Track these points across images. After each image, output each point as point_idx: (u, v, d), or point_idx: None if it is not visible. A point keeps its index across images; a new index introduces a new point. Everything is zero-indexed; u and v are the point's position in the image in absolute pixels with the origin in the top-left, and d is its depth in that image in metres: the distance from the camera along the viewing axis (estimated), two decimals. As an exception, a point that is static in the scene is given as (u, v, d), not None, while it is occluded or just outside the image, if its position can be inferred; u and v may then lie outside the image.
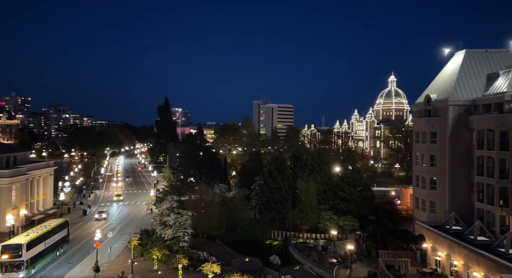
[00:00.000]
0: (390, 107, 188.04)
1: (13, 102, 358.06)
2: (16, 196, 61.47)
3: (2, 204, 57.68)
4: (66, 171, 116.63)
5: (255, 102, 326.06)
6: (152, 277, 42.79)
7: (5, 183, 58.04)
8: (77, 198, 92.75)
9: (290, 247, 55.58)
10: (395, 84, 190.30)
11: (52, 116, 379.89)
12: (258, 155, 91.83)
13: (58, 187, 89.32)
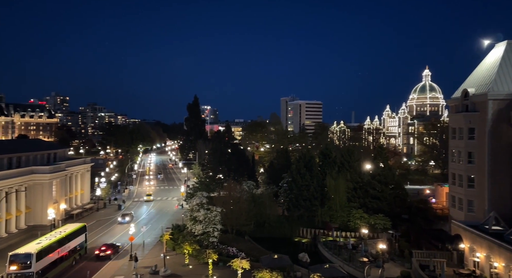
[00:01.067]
0: (424, 102, 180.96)
1: (53, 101, 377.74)
2: (56, 191, 64.85)
3: (44, 198, 61.09)
4: (102, 167, 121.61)
5: (283, 99, 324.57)
6: (183, 271, 43.76)
7: (47, 179, 61.40)
8: (112, 193, 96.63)
9: (319, 245, 54.97)
10: (429, 78, 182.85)
11: (88, 115, 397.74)
12: (286, 152, 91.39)
13: (95, 182, 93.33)
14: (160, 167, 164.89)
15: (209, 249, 45.42)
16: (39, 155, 68.60)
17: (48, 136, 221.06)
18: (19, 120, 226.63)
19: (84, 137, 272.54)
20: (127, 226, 60.02)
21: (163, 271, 42.31)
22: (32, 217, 60.03)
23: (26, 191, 58.31)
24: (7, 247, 51.13)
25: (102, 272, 43.17)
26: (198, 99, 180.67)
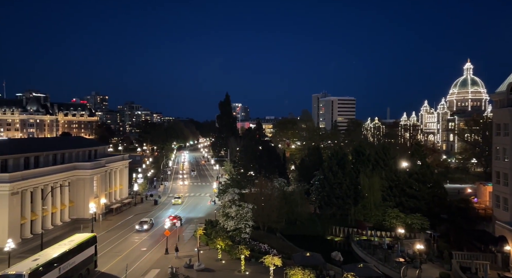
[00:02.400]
0: (465, 97, 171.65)
1: (93, 100, 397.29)
2: (97, 186, 68.15)
3: (85, 193, 64.45)
4: (139, 163, 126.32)
5: (314, 96, 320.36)
6: (216, 266, 44.54)
7: (88, 174, 64.71)
8: (149, 189, 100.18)
9: (353, 244, 53.92)
10: (471, 72, 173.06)
11: (126, 113, 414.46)
12: (317, 150, 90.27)
13: (132, 178, 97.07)
14: (193, 164, 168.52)
15: (241, 245, 45.88)
16: (81, 152, 72.37)
17: (89, 133, 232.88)
18: (63, 118, 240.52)
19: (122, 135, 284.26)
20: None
21: (197, 265, 43.29)
22: (75, 210, 63.52)
23: (69, 186, 61.77)
24: (53, 239, 54.48)
25: (139, 265, 44.88)
26: (229, 96, 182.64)
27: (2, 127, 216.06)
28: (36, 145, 64.94)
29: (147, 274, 41.88)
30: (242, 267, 41.95)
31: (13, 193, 47.80)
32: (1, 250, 42.64)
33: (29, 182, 51.27)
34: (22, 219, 50.23)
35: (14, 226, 48.06)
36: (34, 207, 53.16)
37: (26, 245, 49.59)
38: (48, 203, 56.18)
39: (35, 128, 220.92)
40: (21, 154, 56.06)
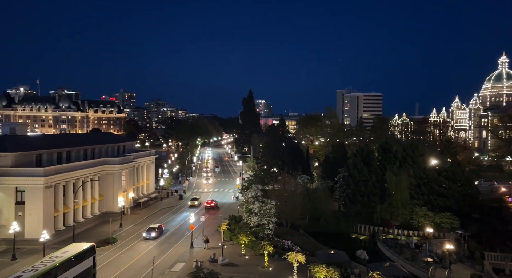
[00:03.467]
0: (500, 92, 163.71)
1: (122, 97, 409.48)
2: (125, 181, 70.29)
3: (114, 187, 66.65)
4: (165, 159, 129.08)
5: (339, 91, 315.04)
6: (240, 261, 44.96)
7: (117, 169, 66.85)
8: (174, 184, 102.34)
9: (378, 243, 52.89)
10: (506, 66, 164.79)
11: (152, 110, 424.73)
12: (342, 146, 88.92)
13: (159, 173, 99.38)
14: (217, 160, 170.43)
15: (265, 241, 46.05)
16: (110, 147, 74.81)
17: (118, 129, 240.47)
18: (93, 115, 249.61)
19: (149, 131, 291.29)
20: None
21: (221, 260, 43.87)
22: (105, 204, 65.84)
23: (99, 180, 64.07)
24: (84, 231, 56.87)
25: (165, 258, 46.01)
26: (252, 93, 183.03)
27: (36, 123, 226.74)
28: (68, 141, 67.74)
29: (173, 267, 42.89)
30: (265, 263, 42.12)
31: (47, 187, 50.12)
32: (37, 240, 44.84)
33: (61, 176, 53.56)
34: (55, 211, 52.61)
35: (48, 218, 50.43)
36: (66, 200, 55.53)
37: (59, 237, 51.95)
38: (79, 196, 58.51)
39: (67, 124, 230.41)
40: (54, 149, 58.65)
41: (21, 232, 47.24)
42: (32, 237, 47.46)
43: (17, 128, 63.58)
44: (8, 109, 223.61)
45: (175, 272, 41.24)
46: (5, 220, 48.40)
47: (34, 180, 49.08)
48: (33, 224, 48.71)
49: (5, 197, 48.92)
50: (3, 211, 48.91)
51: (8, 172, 49.09)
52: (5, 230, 47.44)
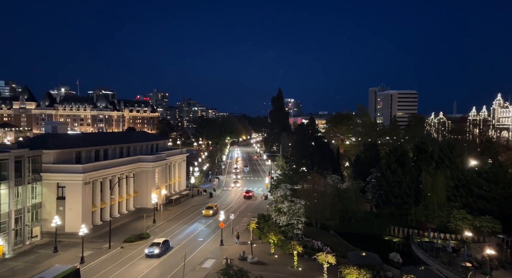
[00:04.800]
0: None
1: (155, 97, 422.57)
2: (158, 178, 72.41)
3: (148, 184, 68.87)
4: (195, 157, 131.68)
5: (371, 89, 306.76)
6: (269, 259, 45.00)
7: (150, 167, 69.01)
8: (204, 182, 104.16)
9: (413, 246, 51.08)
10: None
11: (184, 109, 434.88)
12: (374, 146, 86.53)
13: (189, 171, 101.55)
14: (246, 159, 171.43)
15: (294, 240, 45.76)
16: (144, 146, 77.39)
17: (151, 128, 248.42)
18: (128, 114, 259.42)
19: (180, 130, 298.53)
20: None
21: (250, 258, 44.10)
22: (139, 200, 68.17)
23: (134, 177, 66.41)
24: (120, 226, 59.16)
25: (196, 255, 46.95)
26: (282, 92, 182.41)
27: (76, 122, 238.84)
28: (105, 139, 70.73)
29: (204, 263, 43.67)
30: (295, 262, 41.85)
31: (85, 183, 52.63)
32: (76, 234, 47.23)
33: (99, 173, 56.03)
34: (93, 207, 55.14)
35: (86, 213, 52.95)
36: (103, 196, 58.01)
37: (97, 231, 54.43)
38: (116, 193, 60.93)
39: (104, 123, 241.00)
40: (92, 147, 61.48)
41: (62, 226, 49.92)
42: (72, 231, 50.04)
43: (58, 126, 67.12)
44: (50, 109, 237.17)
45: (205, 269, 41.96)
46: (47, 214, 51.35)
47: (74, 177, 51.66)
48: (72, 218, 51.33)
49: (47, 192, 51.89)
50: (46, 205, 51.90)
51: (50, 168, 52.01)
52: (47, 224, 50.35)
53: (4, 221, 44.96)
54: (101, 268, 41.27)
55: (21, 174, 47.38)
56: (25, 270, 40.35)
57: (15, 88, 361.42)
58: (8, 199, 45.40)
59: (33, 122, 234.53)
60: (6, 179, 45.09)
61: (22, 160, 47.55)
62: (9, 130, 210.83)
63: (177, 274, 39.86)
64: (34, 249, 47.30)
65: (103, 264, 42.85)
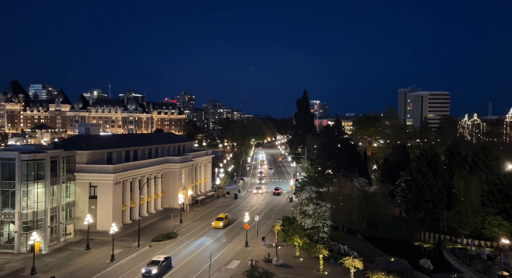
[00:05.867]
0: None
1: (182, 100, 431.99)
2: (185, 179, 73.78)
3: (175, 185, 70.31)
4: (220, 159, 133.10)
5: (401, 90, 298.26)
6: (294, 262, 44.69)
7: (177, 168, 70.44)
8: (229, 183, 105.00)
9: (445, 252, 49.17)
10: None
11: (210, 111, 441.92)
12: (403, 148, 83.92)
13: (215, 173, 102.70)
14: (271, 161, 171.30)
15: (319, 244, 45.20)
16: (171, 147, 79.13)
17: (178, 130, 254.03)
18: (156, 116, 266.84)
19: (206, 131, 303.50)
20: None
21: (275, 260, 43.97)
22: (166, 200, 69.69)
23: (162, 177, 68.00)
24: (148, 225, 60.72)
25: (222, 255, 47.38)
26: (307, 93, 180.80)
27: (107, 124, 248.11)
28: (134, 140, 72.98)
29: (229, 264, 44.00)
30: (320, 266, 41.32)
31: (116, 183, 54.44)
32: (107, 232, 48.88)
33: (129, 173, 57.83)
34: (123, 206, 56.93)
35: (117, 212, 54.77)
36: (133, 196, 59.79)
37: (126, 230, 56.13)
38: (144, 192, 62.64)
39: (134, 125, 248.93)
40: (123, 148, 63.56)
41: (94, 224, 51.87)
42: (103, 229, 51.87)
43: (91, 128, 69.93)
44: (84, 111, 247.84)
45: (231, 269, 42.26)
46: (80, 213, 53.54)
47: (105, 177, 53.58)
48: (104, 217, 53.23)
49: (80, 192, 54.13)
50: (79, 204, 54.15)
51: (83, 168, 54.22)
52: (80, 222, 52.51)
53: (40, 219, 47.35)
54: (131, 266, 42.52)
55: (56, 174, 49.72)
56: (59, 266, 42.24)
57: (51, 91, 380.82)
58: (45, 198, 47.78)
59: (67, 124, 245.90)
60: (42, 179, 47.49)
61: (57, 160, 49.90)
62: (45, 132, 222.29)
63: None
64: (67, 246, 49.45)
65: (132, 262, 44.12)
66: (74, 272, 40.61)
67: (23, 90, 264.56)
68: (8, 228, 46.53)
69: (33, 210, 46.53)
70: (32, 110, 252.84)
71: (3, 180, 45.95)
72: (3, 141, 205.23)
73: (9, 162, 45.79)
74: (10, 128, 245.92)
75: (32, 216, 46.48)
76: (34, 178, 46.56)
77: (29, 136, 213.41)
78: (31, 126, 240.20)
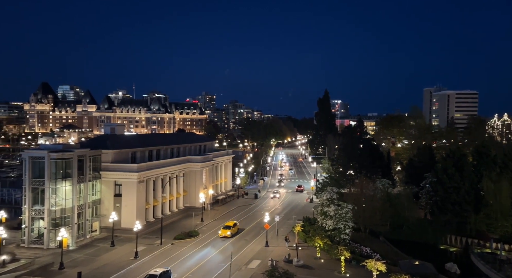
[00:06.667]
0: None
1: (203, 100, 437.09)
2: (206, 178, 74.59)
3: (196, 184, 71.22)
4: (241, 159, 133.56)
5: (426, 90, 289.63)
6: (315, 264, 44.30)
7: (198, 167, 71.34)
8: (249, 183, 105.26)
9: (473, 256, 47.43)
10: None
11: (230, 111, 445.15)
12: (428, 149, 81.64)
13: (235, 172, 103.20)
14: (291, 161, 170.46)
15: (341, 245, 44.60)
16: (193, 147, 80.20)
17: (199, 130, 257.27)
18: (178, 116, 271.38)
19: (227, 131, 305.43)
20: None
21: (296, 261, 43.75)
22: (188, 199, 70.70)
23: (183, 177, 69.04)
24: (170, 223, 61.76)
25: (242, 254, 47.60)
26: (328, 93, 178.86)
27: (131, 124, 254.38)
28: (157, 140, 74.44)
29: (250, 264, 44.13)
30: (342, 268, 40.76)
31: (140, 181, 55.72)
32: (131, 230, 50.09)
33: (152, 172, 59.03)
34: (146, 204, 58.18)
35: (140, 210, 56.04)
36: (155, 195, 60.98)
37: (149, 228, 57.33)
38: (167, 191, 63.76)
39: (157, 125, 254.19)
40: (146, 148, 64.97)
41: (118, 222, 53.25)
42: (127, 227, 53.16)
43: (116, 128, 71.85)
44: (109, 111, 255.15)
45: (251, 269, 42.38)
46: (105, 210, 55.13)
47: (129, 175, 54.94)
48: (128, 214, 54.60)
49: (106, 190, 55.74)
50: (104, 202, 55.77)
51: (109, 167, 55.80)
52: (105, 219, 54.05)
53: (68, 216, 49.11)
54: (154, 263, 43.41)
55: (83, 172, 51.43)
56: (85, 262, 43.67)
57: (78, 92, 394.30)
58: (72, 195, 49.51)
59: (93, 124, 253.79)
60: (70, 177, 49.24)
61: (84, 159, 51.61)
62: (73, 131, 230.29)
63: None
64: (93, 243, 51.02)
65: (155, 259, 45.04)
66: (100, 268, 41.87)
67: (52, 91, 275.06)
68: (38, 224, 48.56)
69: (61, 207, 48.32)
70: (61, 110, 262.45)
71: (34, 178, 47.95)
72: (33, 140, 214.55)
73: (39, 160, 47.74)
74: (40, 128, 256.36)
75: (60, 213, 48.27)
76: (62, 176, 48.34)
77: (57, 135, 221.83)
78: (59, 126, 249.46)
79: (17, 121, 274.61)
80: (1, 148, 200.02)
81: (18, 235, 48.98)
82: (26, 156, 48.73)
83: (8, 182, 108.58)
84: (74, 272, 38.66)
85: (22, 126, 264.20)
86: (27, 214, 48.08)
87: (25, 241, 47.97)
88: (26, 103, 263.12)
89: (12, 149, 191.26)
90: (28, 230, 47.97)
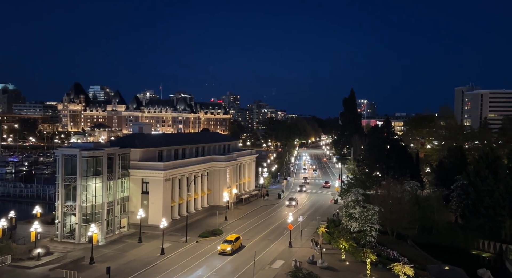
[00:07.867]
0: None
1: (227, 100, 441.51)
2: (230, 178, 75.19)
3: (220, 183, 71.95)
4: (264, 158, 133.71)
5: (458, 89, 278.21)
6: (340, 266, 43.66)
7: (222, 166, 72.05)
8: (273, 183, 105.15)
9: (507, 263, 45.31)
10: None
11: (254, 111, 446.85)
12: (460, 151, 78.48)
13: (259, 172, 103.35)
14: (315, 162, 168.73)
15: (367, 248, 43.69)
16: (217, 146, 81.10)
17: (223, 129, 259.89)
18: (203, 116, 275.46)
19: (250, 131, 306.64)
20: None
21: (320, 262, 43.28)
22: (212, 198, 71.58)
23: (208, 176, 69.94)
24: (195, 221, 62.73)
25: (266, 254, 47.64)
26: (354, 92, 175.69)
27: (158, 123, 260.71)
28: (183, 139, 75.77)
29: (273, 264, 44.12)
30: (367, 271, 39.94)
31: (166, 180, 56.95)
32: (157, 227, 51.30)
33: (178, 170, 60.19)
34: (172, 202, 59.40)
35: (166, 208, 57.27)
36: (181, 193, 62.11)
37: (175, 225, 58.49)
38: (191, 190, 64.83)
39: (182, 124, 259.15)
40: (172, 147, 66.33)
41: (146, 218, 54.68)
42: (154, 224, 54.39)
43: (144, 127, 73.78)
44: (137, 111, 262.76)
45: (275, 269, 42.35)
46: (133, 207, 56.76)
47: (156, 173, 56.26)
48: (155, 212, 55.94)
49: (134, 187, 57.37)
50: (132, 199, 57.42)
51: (137, 165, 57.40)
52: (133, 216, 55.66)
53: (98, 212, 50.95)
54: (179, 260, 44.30)
55: (113, 170, 53.20)
56: (114, 257, 45.18)
57: (108, 92, 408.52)
58: (102, 192, 51.32)
59: (123, 123, 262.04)
60: (100, 174, 51.05)
61: (114, 157, 53.37)
62: (103, 130, 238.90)
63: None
64: (122, 239, 52.66)
65: (181, 256, 45.93)
66: (128, 263, 43.16)
67: (83, 92, 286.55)
68: (70, 220, 50.68)
69: (91, 203, 50.21)
70: (92, 110, 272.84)
71: (66, 175, 50.06)
72: (66, 138, 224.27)
73: (71, 158, 49.81)
74: (72, 126, 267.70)
75: (91, 209, 50.15)
76: (93, 174, 50.20)
77: (88, 134, 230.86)
78: (90, 125, 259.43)
79: (51, 120, 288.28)
80: (37, 146, 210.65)
81: (51, 230, 51.27)
82: (59, 154, 50.90)
83: (43, 178, 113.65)
84: (104, 267, 40.03)
85: (55, 125, 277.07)
86: (60, 209, 50.27)
87: (58, 236, 50.17)
88: (60, 103, 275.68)
89: (46, 147, 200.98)
90: (61, 225, 50.15)
